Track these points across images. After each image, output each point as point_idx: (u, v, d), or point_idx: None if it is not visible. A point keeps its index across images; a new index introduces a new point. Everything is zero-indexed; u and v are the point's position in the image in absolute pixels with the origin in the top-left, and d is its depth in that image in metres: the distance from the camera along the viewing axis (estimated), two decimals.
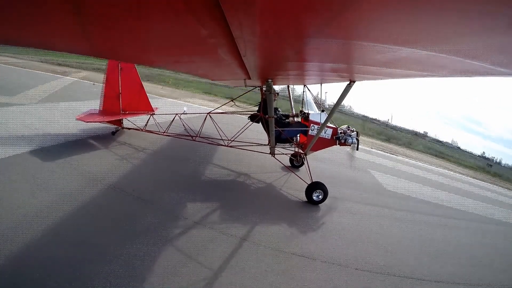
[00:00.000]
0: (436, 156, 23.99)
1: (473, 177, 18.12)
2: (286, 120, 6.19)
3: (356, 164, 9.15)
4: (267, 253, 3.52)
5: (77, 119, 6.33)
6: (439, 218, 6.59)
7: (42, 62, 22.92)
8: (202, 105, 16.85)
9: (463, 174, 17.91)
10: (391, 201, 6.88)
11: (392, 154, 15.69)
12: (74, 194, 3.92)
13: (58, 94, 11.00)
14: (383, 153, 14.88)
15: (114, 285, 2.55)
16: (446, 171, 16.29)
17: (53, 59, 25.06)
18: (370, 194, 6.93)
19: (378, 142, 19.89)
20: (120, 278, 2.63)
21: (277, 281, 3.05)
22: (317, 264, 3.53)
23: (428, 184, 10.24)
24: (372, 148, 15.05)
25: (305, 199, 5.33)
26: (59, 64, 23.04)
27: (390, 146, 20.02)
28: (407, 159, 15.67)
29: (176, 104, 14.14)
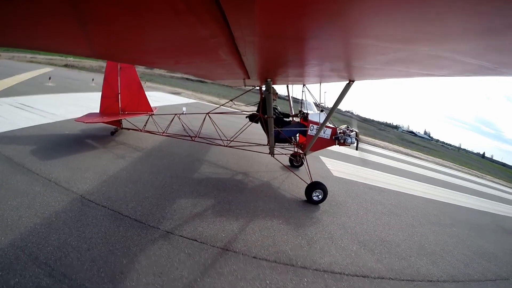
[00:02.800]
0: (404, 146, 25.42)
1: (441, 165, 18.73)
2: (286, 118, 6.18)
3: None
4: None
5: (76, 121, 6.32)
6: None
7: (10, 58, 23.46)
8: (167, 97, 18.26)
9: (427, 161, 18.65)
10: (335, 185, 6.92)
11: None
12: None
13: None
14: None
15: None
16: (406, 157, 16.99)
17: (25, 55, 25.89)
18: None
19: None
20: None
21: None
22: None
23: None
24: None
25: (304, 198, 5.34)
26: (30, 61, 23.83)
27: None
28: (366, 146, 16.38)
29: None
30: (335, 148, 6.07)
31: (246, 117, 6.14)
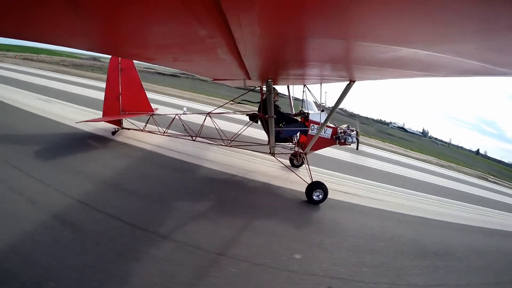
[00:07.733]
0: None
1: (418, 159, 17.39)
2: (288, 115, 6.15)
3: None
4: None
5: (77, 122, 6.35)
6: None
7: None
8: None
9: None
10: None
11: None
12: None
13: None
14: None
15: None
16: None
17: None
18: None
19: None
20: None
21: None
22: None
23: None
24: None
25: (305, 198, 5.34)
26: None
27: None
28: None
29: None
30: None
31: (247, 116, 6.14)
